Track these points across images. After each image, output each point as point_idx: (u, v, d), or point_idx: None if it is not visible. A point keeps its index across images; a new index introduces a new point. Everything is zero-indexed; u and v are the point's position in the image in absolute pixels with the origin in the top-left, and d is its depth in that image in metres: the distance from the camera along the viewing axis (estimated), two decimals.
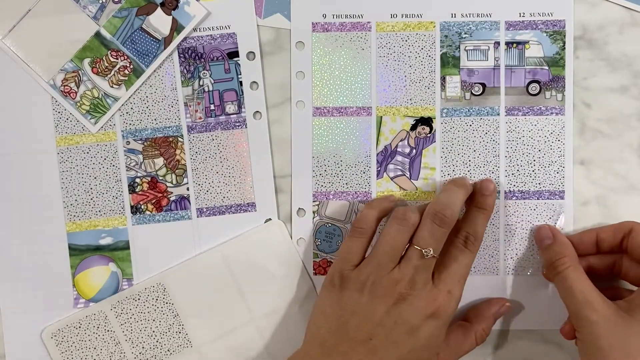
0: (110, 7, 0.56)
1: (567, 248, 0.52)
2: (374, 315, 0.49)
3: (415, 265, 0.50)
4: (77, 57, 0.56)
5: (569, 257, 0.51)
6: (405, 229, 0.51)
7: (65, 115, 0.57)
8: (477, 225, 0.52)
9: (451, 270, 0.51)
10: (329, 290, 0.52)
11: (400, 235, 0.51)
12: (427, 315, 0.49)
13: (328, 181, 0.57)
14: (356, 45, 0.56)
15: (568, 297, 0.50)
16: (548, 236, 0.54)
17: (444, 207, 0.50)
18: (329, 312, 0.51)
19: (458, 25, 0.56)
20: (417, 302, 0.49)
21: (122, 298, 0.57)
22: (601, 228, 0.54)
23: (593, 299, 0.49)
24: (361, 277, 0.50)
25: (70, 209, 0.57)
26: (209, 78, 0.57)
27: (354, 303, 0.50)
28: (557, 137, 0.56)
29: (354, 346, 0.48)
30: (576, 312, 0.49)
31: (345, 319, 0.49)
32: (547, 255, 0.53)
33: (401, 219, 0.51)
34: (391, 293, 0.49)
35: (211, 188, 0.57)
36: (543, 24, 0.56)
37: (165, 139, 0.57)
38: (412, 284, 0.49)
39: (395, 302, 0.49)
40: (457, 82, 0.56)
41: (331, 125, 0.57)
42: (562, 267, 0.51)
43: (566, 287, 0.50)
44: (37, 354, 0.57)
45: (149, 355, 0.57)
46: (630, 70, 0.56)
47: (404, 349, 0.48)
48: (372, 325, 0.49)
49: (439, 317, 0.49)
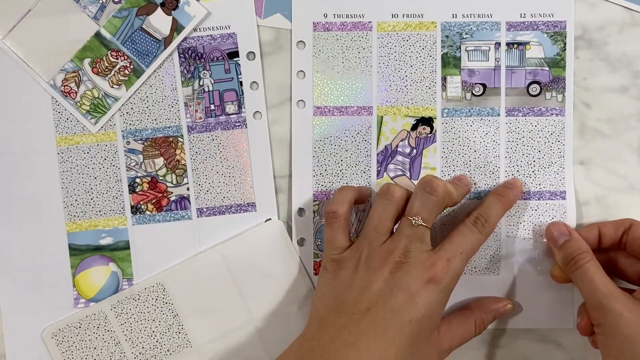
0: (111, 7, 0.56)
1: (583, 244, 0.52)
2: (371, 285, 0.48)
3: (406, 234, 0.50)
4: (77, 57, 0.56)
5: (588, 253, 0.51)
6: (390, 203, 0.51)
7: (65, 115, 0.57)
8: (491, 210, 0.52)
9: (454, 241, 0.50)
10: (323, 276, 0.52)
11: (385, 210, 0.51)
12: (425, 280, 0.48)
13: (328, 181, 0.57)
14: (357, 45, 0.56)
15: (590, 290, 0.49)
16: (564, 233, 0.53)
17: (434, 178, 0.51)
18: (326, 292, 0.50)
19: (459, 26, 0.56)
20: (413, 268, 0.48)
21: (122, 298, 0.57)
22: (602, 223, 0.54)
23: (615, 290, 0.48)
24: (354, 255, 0.50)
25: (70, 209, 0.57)
26: (209, 78, 0.57)
27: (349, 278, 0.49)
28: (557, 138, 0.56)
29: (353, 318, 0.47)
30: (599, 304, 0.48)
31: (342, 294, 0.49)
32: (566, 252, 0.52)
33: (384, 193, 0.51)
34: (386, 263, 0.49)
35: (211, 188, 0.57)
36: (544, 25, 0.56)
37: (166, 139, 0.57)
38: (406, 252, 0.49)
39: (391, 270, 0.48)
40: (457, 83, 0.56)
41: (332, 124, 0.57)
42: (582, 261, 0.50)
43: (587, 280, 0.49)
44: (37, 354, 0.57)
45: (149, 355, 0.57)
46: (630, 70, 0.56)
47: (404, 318, 0.47)
48: (370, 296, 0.48)
49: (437, 282, 0.48)
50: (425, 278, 0.48)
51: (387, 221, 0.51)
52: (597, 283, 0.49)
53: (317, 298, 0.51)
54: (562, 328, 0.56)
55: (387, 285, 0.48)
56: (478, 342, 0.57)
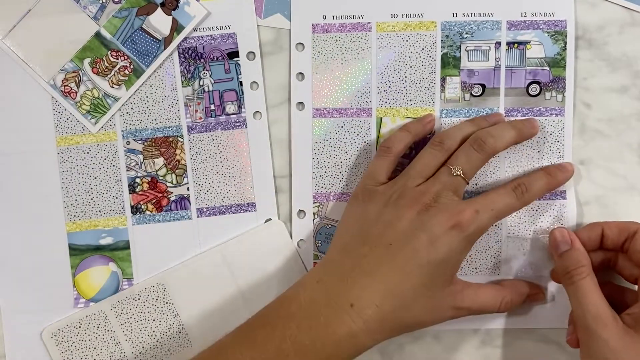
0: (111, 7, 0.56)
1: (584, 257, 0.51)
2: (397, 221, 0.49)
3: (442, 181, 0.50)
4: (77, 57, 0.56)
5: (586, 267, 0.50)
6: (439, 153, 0.52)
7: (65, 115, 0.57)
8: (534, 182, 0.52)
9: (488, 196, 0.50)
10: (352, 204, 0.53)
11: (432, 157, 0.52)
12: (450, 226, 0.48)
13: (328, 182, 0.57)
14: (356, 46, 0.56)
15: (580, 310, 0.49)
16: (566, 241, 0.52)
17: (488, 135, 0.51)
18: (352, 222, 0.52)
19: (459, 25, 0.56)
20: (440, 212, 0.49)
21: (122, 298, 0.57)
22: (606, 224, 0.53)
23: (604, 314, 0.48)
24: (388, 191, 0.51)
25: (70, 209, 0.57)
26: (209, 78, 0.57)
27: (377, 212, 0.51)
28: (556, 138, 0.56)
29: (374, 249, 0.49)
30: (586, 325, 0.48)
31: (367, 226, 0.50)
32: (564, 263, 0.51)
33: (437, 143, 0.52)
34: (415, 203, 0.50)
35: (211, 188, 0.57)
36: (544, 24, 0.56)
37: (166, 139, 0.57)
38: (437, 196, 0.50)
39: (418, 211, 0.49)
40: (456, 83, 0.56)
41: (331, 126, 0.57)
42: (577, 277, 0.50)
43: (579, 298, 0.49)
44: (37, 354, 0.57)
45: (149, 355, 0.57)
46: (630, 70, 0.56)
47: (423, 258, 0.48)
48: (394, 232, 0.49)
49: (461, 229, 0.48)
50: (450, 223, 0.48)
51: (430, 167, 0.52)
52: (587, 304, 0.48)
53: (342, 225, 0.53)
54: (562, 328, 0.56)
55: (411, 225, 0.49)
56: (478, 342, 0.57)
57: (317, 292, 0.49)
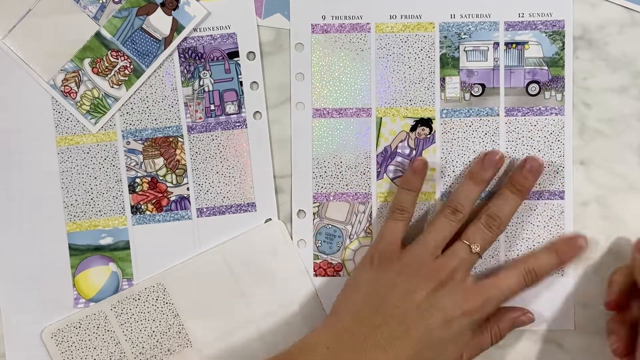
0: (111, 7, 0.56)
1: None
2: (412, 294, 0.50)
3: (461, 257, 0.51)
4: (77, 57, 0.56)
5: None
6: (455, 224, 0.52)
7: (65, 115, 0.57)
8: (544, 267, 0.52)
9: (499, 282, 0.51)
10: (366, 268, 0.53)
11: (449, 227, 0.52)
12: (461, 311, 0.49)
13: (328, 182, 0.57)
14: (355, 46, 0.56)
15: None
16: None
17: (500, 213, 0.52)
18: (365, 287, 0.52)
19: (457, 26, 0.56)
20: (455, 293, 0.50)
21: (122, 298, 0.57)
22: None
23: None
24: (405, 259, 0.51)
25: (70, 209, 0.57)
26: (209, 78, 0.57)
27: (391, 280, 0.51)
28: (556, 138, 0.56)
29: (389, 321, 0.49)
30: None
31: (382, 293, 0.50)
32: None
33: (453, 212, 0.52)
34: (432, 277, 0.50)
35: (211, 188, 0.57)
36: (542, 24, 0.56)
37: (166, 139, 0.57)
38: (453, 272, 0.50)
39: (435, 287, 0.50)
40: (456, 83, 0.56)
41: (331, 126, 0.57)
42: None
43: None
44: (37, 354, 0.57)
45: (149, 355, 0.57)
46: (630, 70, 0.56)
47: (435, 336, 0.49)
48: (409, 304, 0.49)
49: (471, 315, 0.50)
50: (464, 308, 0.49)
51: (446, 239, 0.52)
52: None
53: (353, 288, 0.52)
54: (562, 329, 0.56)
55: (427, 300, 0.49)
56: None
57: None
